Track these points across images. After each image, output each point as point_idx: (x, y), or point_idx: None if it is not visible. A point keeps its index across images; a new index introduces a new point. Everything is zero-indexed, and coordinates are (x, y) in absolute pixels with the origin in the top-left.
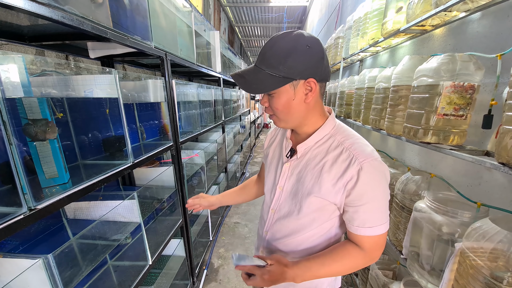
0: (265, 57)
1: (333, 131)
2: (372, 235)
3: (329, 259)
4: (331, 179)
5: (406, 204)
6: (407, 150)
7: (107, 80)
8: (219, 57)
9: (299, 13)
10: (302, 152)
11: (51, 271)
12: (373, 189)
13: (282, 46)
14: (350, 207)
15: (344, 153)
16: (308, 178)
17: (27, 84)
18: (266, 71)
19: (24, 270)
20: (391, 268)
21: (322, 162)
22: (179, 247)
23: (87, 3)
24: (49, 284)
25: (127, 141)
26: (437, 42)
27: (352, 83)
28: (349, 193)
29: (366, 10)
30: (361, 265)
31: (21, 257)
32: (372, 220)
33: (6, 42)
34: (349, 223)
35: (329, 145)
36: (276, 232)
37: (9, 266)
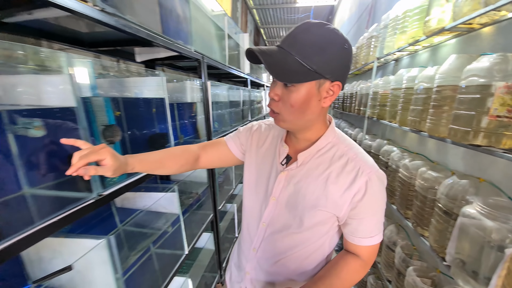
0: (296, 41)
1: (335, 139)
2: (373, 244)
3: (335, 279)
4: (338, 191)
5: (451, 209)
6: (450, 154)
7: (155, 82)
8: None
9: (326, 13)
10: (302, 161)
11: (112, 251)
12: (378, 200)
13: (318, 35)
14: (354, 219)
15: (349, 163)
16: (311, 190)
17: (94, 86)
18: (296, 57)
19: (90, 249)
20: (429, 276)
21: (326, 172)
22: (209, 241)
23: (143, 12)
24: (109, 263)
25: (170, 138)
26: (485, 41)
27: (387, 83)
28: (355, 205)
29: (405, 7)
30: (362, 275)
31: (84, 237)
32: (375, 230)
33: (69, 47)
34: (351, 235)
35: (333, 154)
36: (268, 249)
37: (72, 246)
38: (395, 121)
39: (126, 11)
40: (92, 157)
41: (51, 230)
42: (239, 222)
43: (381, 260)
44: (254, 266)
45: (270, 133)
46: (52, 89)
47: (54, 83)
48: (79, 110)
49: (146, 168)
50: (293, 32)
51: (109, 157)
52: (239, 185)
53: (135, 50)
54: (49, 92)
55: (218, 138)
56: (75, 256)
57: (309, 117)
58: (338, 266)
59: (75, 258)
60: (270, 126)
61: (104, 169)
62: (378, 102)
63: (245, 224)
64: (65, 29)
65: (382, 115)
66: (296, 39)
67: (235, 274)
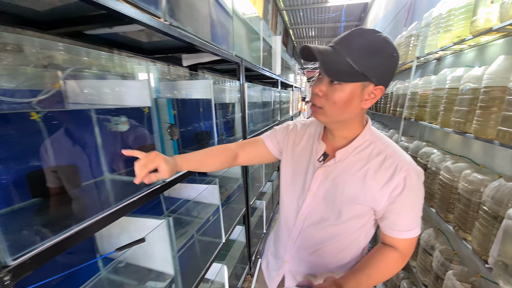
0: (349, 44)
1: (372, 138)
2: (411, 237)
3: (374, 269)
4: (376, 186)
5: (497, 212)
6: (498, 157)
7: (203, 85)
8: (279, 61)
9: (359, 11)
10: (340, 157)
11: (170, 231)
12: (416, 195)
13: (370, 41)
14: (392, 213)
15: (387, 160)
16: (349, 184)
17: (158, 88)
18: (347, 59)
19: (155, 228)
20: (469, 281)
21: (364, 168)
22: (241, 234)
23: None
24: (168, 240)
25: (214, 135)
26: None
27: (428, 83)
28: (393, 200)
29: (450, 6)
30: (401, 267)
31: (147, 217)
32: (413, 224)
33: (133, 55)
34: (389, 228)
35: (370, 151)
36: (306, 239)
37: (137, 224)
38: (436, 122)
39: (186, 23)
40: (150, 166)
41: (126, 210)
42: (267, 219)
43: (417, 265)
44: (293, 256)
45: (306, 131)
46: (133, 91)
47: (135, 86)
48: (153, 109)
49: (191, 167)
50: (347, 36)
51: (163, 163)
52: (268, 183)
53: (182, 56)
54: (131, 94)
55: (255, 137)
56: (140, 232)
57: (348, 115)
58: (376, 258)
59: (140, 234)
60: (305, 125)
61: (162, 174)
62: (417, 102)
63: (283, 216)
64: (131, 39)
65: (421, 116)
66: (349, 42)
67: (272, 262)
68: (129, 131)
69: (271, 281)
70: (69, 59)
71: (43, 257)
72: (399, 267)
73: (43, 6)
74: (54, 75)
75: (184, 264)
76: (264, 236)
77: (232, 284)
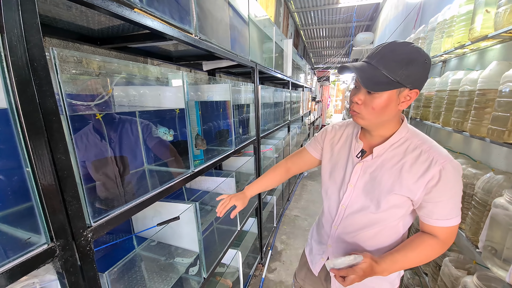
0: (384, 58)
1: (408, 135)
2: (449, 226)
3: (411, 252)
4: (411, 178)
5: (486, 201)
6: (494, 154)
7: (223, 88)
8: (290, 63)
9: (370, 12)
10: (377, 153)
11: (197, 214)
12: (453, 187)
13: (403, 53)
14: (429, 203)
15: (423, 154)
16: (386, 177)
17: (188, 92)
18: (382, 71)
19: (184, 210)
20: (465, 268)
21: (400, 162)
22: (254, 225)
23: (220, 35)
24: (195, 222)
25: (231, 133)
26: None
27: (432, 85)
28: (429, 191)
29: (452, 13)
30: (439, 253)
31: (177, 202)
32: (452, 213)
33: (162, 62)
34: (427, 217)
35: (406, 147)
36: (347, 226)
37: (169, 208)
38: (438, 122)
39: (211, 35)
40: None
41: (161, 196)
42: (277, 214)
43: None
44: (335, 240)
45: (344, 132)
46: (171, 95)
47: (172, 91)
48: (186, 110)
49: (257, 192)
50: (381, 52)
51: (235, 202)
52: None
53: (203, 62)
54: (168, 98)
55: (300, 149)
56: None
57: (386, 117)
58: (414, 242)
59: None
60: (343, 126)
61: (238, 208)
62: (422, 103)
63: (326, 206)
64: (163, 49)
65: (426, 116)
66: (384, 57)
67: (316, 248)
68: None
69: (315, 265)
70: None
71: (112, 222)
72: (437, 252)
73: (97, 25)
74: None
75: (205, 248)
76: (274, 229)
77: (244, 272)
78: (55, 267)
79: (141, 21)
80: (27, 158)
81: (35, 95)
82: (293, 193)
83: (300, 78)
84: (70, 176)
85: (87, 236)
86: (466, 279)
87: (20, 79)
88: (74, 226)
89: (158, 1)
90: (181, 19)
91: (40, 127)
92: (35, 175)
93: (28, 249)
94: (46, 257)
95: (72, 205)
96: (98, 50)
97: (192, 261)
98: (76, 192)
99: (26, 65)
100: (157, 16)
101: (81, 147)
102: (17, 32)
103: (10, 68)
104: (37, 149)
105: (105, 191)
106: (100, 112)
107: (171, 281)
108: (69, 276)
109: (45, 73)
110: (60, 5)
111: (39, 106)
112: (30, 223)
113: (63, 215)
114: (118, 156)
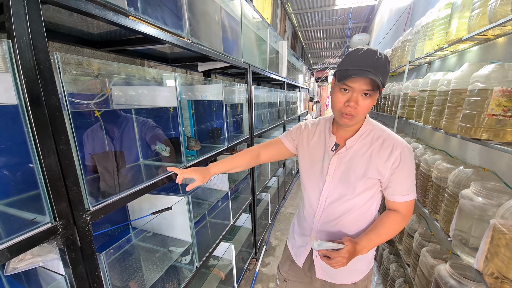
0: (383, 70)
1: (371, 126)
2: (410, 200)
3: (381, 229)
4: (380, 162)
5: (456, 193)
6: (469, 150)
7: (216, 88)
8: (285, 64)
9: (366, 13)
10: (350, 145)
11: (189, 206)
12: (410, 166)
13: (386, 62)
14: (393, 182)
15: (385, 142)
16: (360, 164)
17: (181, 92)
18: (379, 78)
19: (176, 202)
20: (442, 257)
21: (369, 150)
22: (247, 221)
23: (212, 38)
24: (187, 213)
25: (224, 131)
26: (500, 49)
27: (416, 85)
28: (393, 171)
29: (433, 17)
30: (403, 225)
31: (171, 195)
32: (410, 189)
33: (158, 64)
34: (391, 195)
35: (372, 137)
36: (329, 214)
37: (163, 200)
38: (420, 120)
39: (203, 39)
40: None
41: (154, 187)
42: (272, 211)
43: (402, 247)
44: (319, 230)
45: (317, 129)
46: (164, 94)
47: (165, 91)
48: (178, 109)
49: (222, 170)
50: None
51: (195, 174)
52: (273, 178)
53: (198, 64)
54: (162, 97)
55: (273, 139)
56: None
57: (366, 114)
58: (383, 220)
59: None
60: (314, 124)
61: (196, 182)
62: (407, 103)
63: (307, 199)
64: (159, 52)
65: (410, 115)
66: (384, 69)
67: (299, 240)
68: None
69: (299, 257)
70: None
71: (108, 208)
72: (402, 225)
73: (96, 30)
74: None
75: (198, 240)
76: (269, 226)
77: (238, 266)
78: (58, 243)
79: (135, 27)
80: (34, 148)
81: (41, 93)
82: (289, 191)
83: (297, 79)
84: (71, 165)
85: (86, 218)
86: (439, 267)
87: (28, 79)
88: (74, 209)
89: (152, 8)
90: (174, 24)
91: (45, 121)
92: (41, 163)
93: (34, 226)
94: (49, 233)
95: (73, 190)
96: (97, 53)
97: (185, 250)
98: (76, 179)
99: (33, 67)
100: (150, 22)
101: (90, 140)
102: (25, 39)
103: (20, 70)
104: (43, 140)
105: (104, 181)
106: (99, 109)
107: (164, 268)
108: (70, 253)
109: (49, 74)
110: (62, 12)
111: (45, 103)
112: (36, 206)
113: (65, 199)
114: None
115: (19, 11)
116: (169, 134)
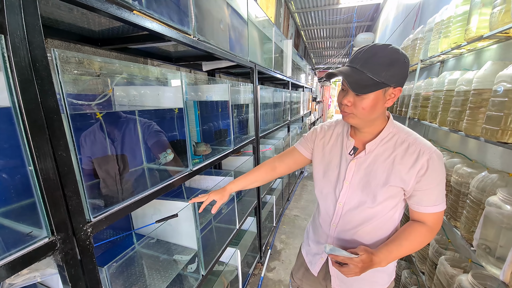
0: (368, 62)
1: (394, 129)
2: (437, 212)
3: (404, 241)
4: (404, 169)
5: (480, 200)
6: (489, 153)
7: (222, 88)
8: (290, 63)
9: (371, 12)
10: (370, 149)
11: (195, 212)
12: (439, 174)
13: (385, 55)
14: (419, 191)
15: (411, 147)
16: (380, 171)
17: (186, 92)
18: (367, 74)
19: (182, 208)
20: (461, 266)
21: (392, 155)
22: (253, 224)
23: (218, 36)
24: (193, 219)
25: (230, 133)
26: None
27: (429, 85)
28: (419, 179)
29: (449, 14)
30: (429, 239)
31: (176, 200)
32: (438, 199)
33: (162, 63)
34: (417, 205)
35: (395, 141)
36: (346, 223)
37: (168, 206)
38: (435, 122)
39: (209, 36)
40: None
41: (160, 193)
42: (276, 214)
43: (416, 254)
44: (335, 238)
45: (334, 131)
46: (169, 95)
47: (171, 91)
48: (184, 109)
49: (239, 188)
50: (363, 56)
51: (214, 196)
52: (278, 180)
53: (202, 62)
54: (167, 97)
55: (288, 148)
56: (169, 213)
57: (375, 115)
58: (406, 231)
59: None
60: (331, 126)
61: (218, 203)
62: (420, 103)
63: (323, 206)
64: (162, 50)
65: (423, 116)
66: (367, 61)
67: (314, 248)
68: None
69: (314, 265)
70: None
71: (111, 218)
72: (427, 239)
73: (97, 27)
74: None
75: (203, 246)
76: (274, 229)
77: (243, 270)
78: (56, 260)
79: (140, 23)
80: (29, 155)
81: (37, 94)
82: (293, 193)
83: (300, 79)
84: (70, 172)
85: (87, 230)
86: (461, 277)
87: (22, 79)
88: (74, 220)
89: (157, 3)
90: (180, 20)
91: (41, 125)
92: (37, 171)
93: (30, 242)
94: (47, 250)
95: (73, 200)
96: (99, 51)
97: (191, 258)
98: (76, 188)
99: (28, 65)
100: (155, 17)
101: (88, 144)
102: (20, 34)
103: (13, 68)
104: (39, 146)
105: (106, 187)
106: (101, 111)
107: (169, 277)
108: (69, 269)
109: (46, 73)
110: (61, 7)
111: (41, 105)
112: (32, 218)
113: (64, 210)
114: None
115: (14, 2)
116: (174, 136)
